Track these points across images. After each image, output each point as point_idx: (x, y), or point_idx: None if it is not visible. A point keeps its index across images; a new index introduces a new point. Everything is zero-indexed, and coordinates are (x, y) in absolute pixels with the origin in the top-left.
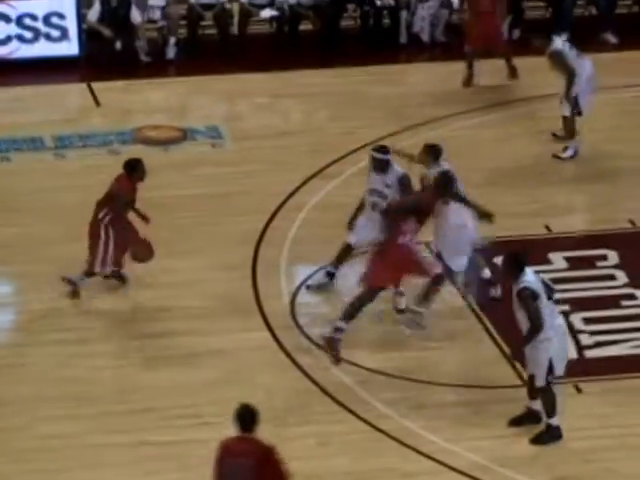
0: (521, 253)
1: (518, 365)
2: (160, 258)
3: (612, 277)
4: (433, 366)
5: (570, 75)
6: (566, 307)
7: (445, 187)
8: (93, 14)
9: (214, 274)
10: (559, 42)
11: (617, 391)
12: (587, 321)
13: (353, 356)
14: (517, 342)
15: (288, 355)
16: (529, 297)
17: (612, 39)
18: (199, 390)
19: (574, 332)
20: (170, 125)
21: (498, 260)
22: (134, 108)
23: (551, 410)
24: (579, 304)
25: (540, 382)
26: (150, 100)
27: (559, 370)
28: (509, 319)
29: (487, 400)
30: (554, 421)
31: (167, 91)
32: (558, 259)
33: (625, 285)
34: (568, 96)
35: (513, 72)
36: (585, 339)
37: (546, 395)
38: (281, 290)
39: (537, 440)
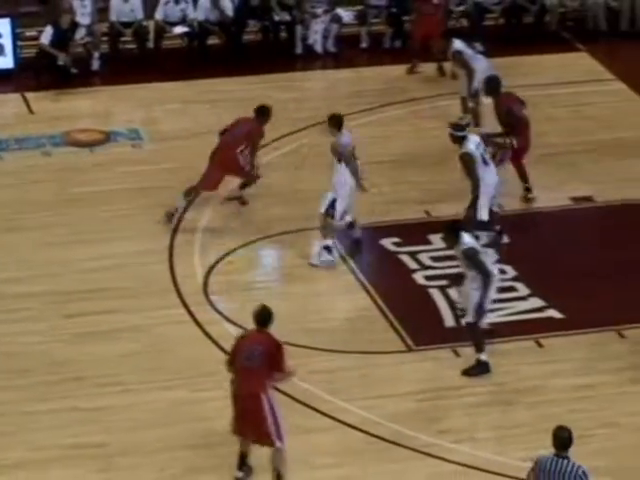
0: (455, 221)
1: (403, 331)
2: (89, 246)
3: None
4: (326, 335)
5: (470, 72)
6: (444, 282)
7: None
8: (46, 37)
9: (135, 259)
10: (458, 43)
11: (492, 353)
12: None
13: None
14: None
15: (201, 328)
16: (474, 255)
17: (479, 47)
18: (122, 361)
19: (452, 303)
20: (95, 129)
21: (384, 242)
22: (63, 114)
23: (479, 345)
24: (456, 279)
25: (469, 318)
26: (77, 107)
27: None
28: (395, 291)
29: (377, 364)
30: (483, 356)
31: (92, 99)
32: (437, 240)
33: (496, 262)
34: (470, 91)
35: (442, 72)
36: None
37: (474, 331)
38: (195, 271)
39: (467, 372)
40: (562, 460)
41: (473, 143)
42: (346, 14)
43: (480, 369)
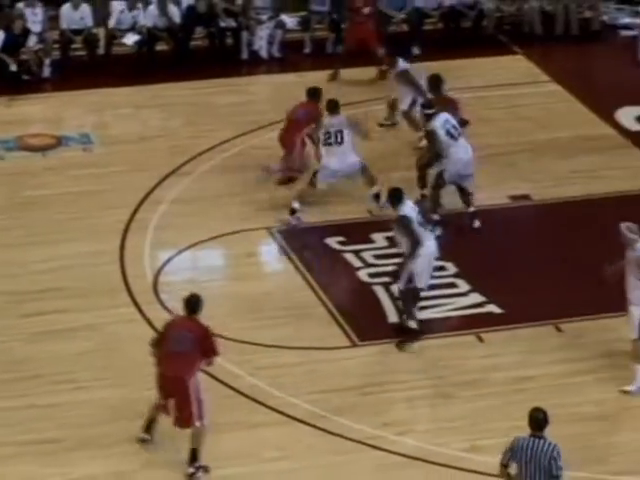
0: (400, 189)
1: (348, 327)
2: (42, 247)
3: None
4: (273, 332)
5: (418, 88)
6: (387, 279)
7: None
8: None
9: (88, 259)
10: (402, 62)
11: (430, 348)
12: None
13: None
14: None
15: (152, 326)
16: (406, 222)
17: (416, 51)
18: (76, 359)
19: (394, 299)
20: (47, 133)
21: (329, 241)
22: (16, 120)
23: (409, 313)
24: (398, 275)
25: (401, 285)
26: (29, 112)
27: (420, 283)
28: (340, 288)
29: (322, 359)
30: (412, 323)
31: (44, 104)
32: (379, 239)
33: (436, 259)
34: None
35: (382, 75)
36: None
37: (405, 298)
38: (145, 271)
39: (401, 346)
40: (538, 440)
41: (440, 120)
42: (290, 20)
43: (411, 337)
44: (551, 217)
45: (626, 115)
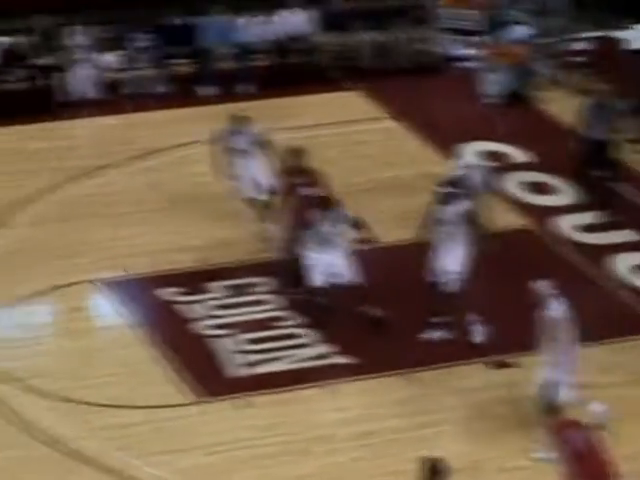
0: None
1: (186, 384)
2: None
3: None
4: (110, 390)
5: None
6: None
7: None
8: None
9: None
10: None
11: (284, 402)
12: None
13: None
14: None
15: None
16: None
17: (252, 89)
18: None
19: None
20: None
21: (161, 292)
22: None
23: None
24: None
25: None
26: None
27: None
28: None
29: (165, 418)
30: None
31: None
32: (215, 288)
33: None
34: None
35: None
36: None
37: None
38: None
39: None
40: None
41: None
42: (112, 60)
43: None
44: (398, 259)
45: (469, 151)
